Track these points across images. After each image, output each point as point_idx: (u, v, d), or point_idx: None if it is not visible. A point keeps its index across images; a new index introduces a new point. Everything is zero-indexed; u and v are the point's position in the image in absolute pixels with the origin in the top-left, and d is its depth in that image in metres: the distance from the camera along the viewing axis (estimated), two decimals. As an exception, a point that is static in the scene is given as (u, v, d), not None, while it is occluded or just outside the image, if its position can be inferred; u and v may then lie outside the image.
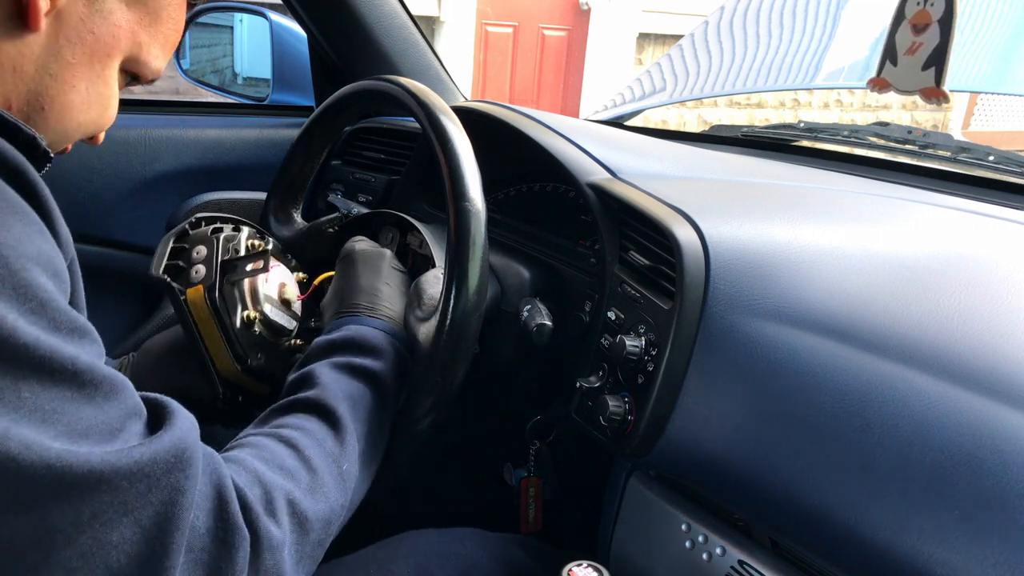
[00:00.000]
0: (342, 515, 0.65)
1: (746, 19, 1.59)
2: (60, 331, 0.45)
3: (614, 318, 0.80)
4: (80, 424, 0.45)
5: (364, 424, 0.70)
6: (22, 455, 0.41)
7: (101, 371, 0.47)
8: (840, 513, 0.60)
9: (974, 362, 0.60)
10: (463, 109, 1.02)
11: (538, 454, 1.03)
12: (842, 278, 0.72)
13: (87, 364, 0.46)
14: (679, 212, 0.76)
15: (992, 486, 0.54)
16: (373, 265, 0.84)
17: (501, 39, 6.06)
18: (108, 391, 0.47)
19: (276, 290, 0.88)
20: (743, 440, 0.68)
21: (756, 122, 1.96)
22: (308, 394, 0.69)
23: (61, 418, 0.44)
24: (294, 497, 0.59)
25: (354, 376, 0.72)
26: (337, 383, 0.70)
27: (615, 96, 1.70)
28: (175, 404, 0.54)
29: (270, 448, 0.62)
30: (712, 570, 0.75)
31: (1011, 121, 7.39)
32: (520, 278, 0.95)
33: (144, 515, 0.46)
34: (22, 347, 0.42)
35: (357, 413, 0.69)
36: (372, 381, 0.72)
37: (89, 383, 0.46)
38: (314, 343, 0.76)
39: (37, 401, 0.43)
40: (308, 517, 0.59)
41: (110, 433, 0.46)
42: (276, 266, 0.91)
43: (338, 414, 0.67)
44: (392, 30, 1.39)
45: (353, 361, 0.72)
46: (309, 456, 0.63)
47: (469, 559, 0.86)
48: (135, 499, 0.46)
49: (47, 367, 0.43)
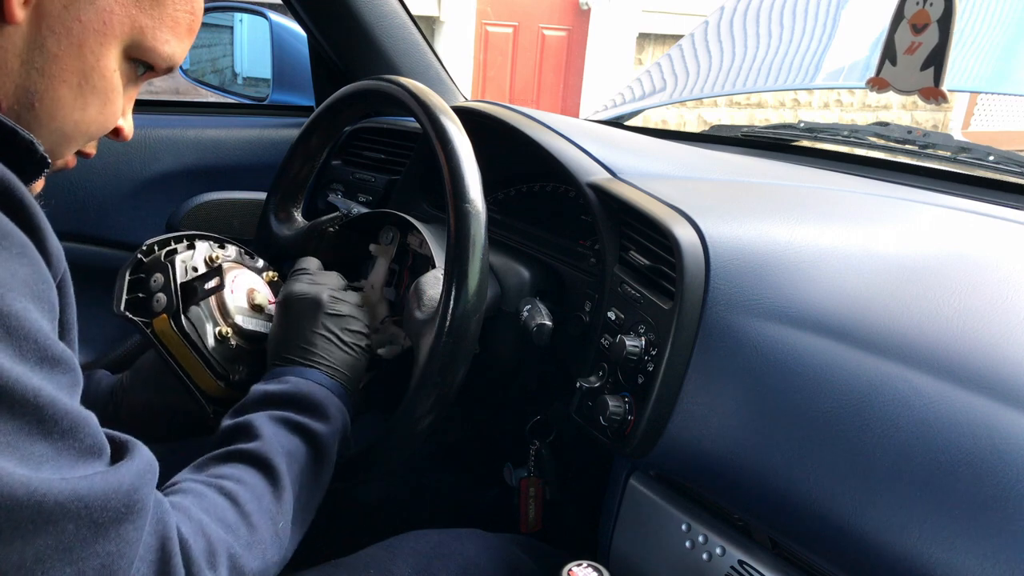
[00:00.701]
0: (275, 573, 0.65)
1: (746, 19, 1.59)
2: (27, 361, 0.44)
3: (614, 318, 0.80)
4: (33, 458, 0.43)
5: (300, 483, 0.69)
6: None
7: (64, 406, 0.45)
8: (840, 513, 0.61)
9: (974, 362, 0.60)
10: (463, 109, 1.02)
11: (538, 454, 1.03)
12: (842, 278, 0.72)
13: (49, 397, 0.44)
14: (679, 212, 0.76)
15: (992, 486, 0.54)
16: (307, 314, 0.81)
17: (501, 39, 6.06)
18: (68, 427, 0.46)
19: (245, 297, 0.87)
20: (743, 440, 0.68)
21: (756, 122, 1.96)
22: (248, 446, 0.67)
23: (15, 452, 0.42)
24: (234, 552, 0.58)
25: (293, 432, 0.71)
26: (276, 437, 0.69)
27: (615, 96, 1.70)
28: (137, 445, 0.52)
29: (212, 499, 0.61)
30: (712, 570, 0.75)
31: (1011, 121, 7.39)
32: (520, 278, 0.95)
33: (88, 565, 0.45)
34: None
35: (294, 471, 0.69)
36: (311, 440, 0.71)
37: (49, 418, 0.44)
38: (252, 390, 0.75)
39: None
40: (246, 573, 0.59)
41: (65, 468, 0.45)
42: (241, 272, 0.89)
43: (278, 471, 0.66)
44: (392, 30, 1.39)
45: (292, 417, 0.72)
46: (249, 512, 0.62)
47: (469, 559, 0.86)
48: (80, 546, 0.44)
49: (6, 397, 0.42)
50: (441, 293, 0.77)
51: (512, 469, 1.12)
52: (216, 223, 1.45)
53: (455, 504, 1.30)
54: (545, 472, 1.04)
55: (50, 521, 0.43)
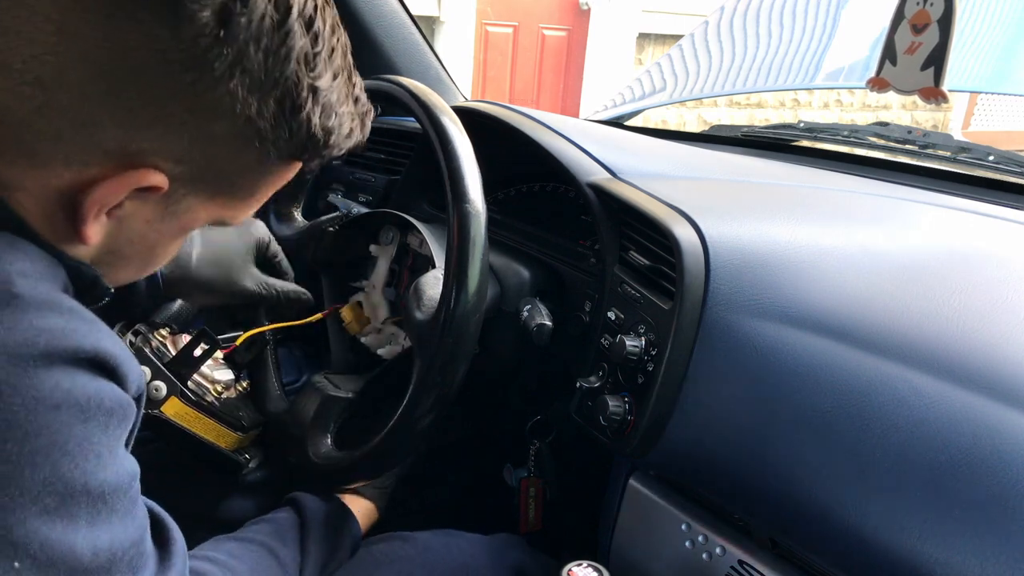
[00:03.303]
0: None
1: (746, 19, 1.59)
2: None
3: (614, 318, 0.80)
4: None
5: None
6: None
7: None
8: (839, 513, 0.61)
9: (974, 362, 0.60)
10: (463, 109, 1.02)
11: (538, 454, 1.03)
12: (842, 278, 0.72)
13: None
14: (679, 212, 0.76)
15: (991, 486, 0.54)
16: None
17: (501, 39, 6.06)
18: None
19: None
20: (743, 440, 0.68)
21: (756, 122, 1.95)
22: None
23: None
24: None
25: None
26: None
27: (615, 96, 1.70)
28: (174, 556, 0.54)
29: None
30: (712, 570, 0.75)
31: (1011, 121, 7.38)
32: (520, 278, 0.95)
33: None
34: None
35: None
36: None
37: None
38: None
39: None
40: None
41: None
42: (179, 335, 0.90)
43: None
44: (392, 30, 1.39)
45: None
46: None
47: (469, 559, 0.86)
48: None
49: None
50: (441, 293, 0.77)
51: (512, 469, 1.12)
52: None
53: (455, 504, 1.30)
54: (545, 472, 1.04)
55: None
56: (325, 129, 0.53)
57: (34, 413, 0.42)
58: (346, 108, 0.55)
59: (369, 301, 1.04)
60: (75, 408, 0.44)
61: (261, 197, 0.58)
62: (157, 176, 0.48)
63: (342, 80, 0.54)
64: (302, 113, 0.51)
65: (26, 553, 0.42)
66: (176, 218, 0.53)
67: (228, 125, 0.49)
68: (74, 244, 0.51)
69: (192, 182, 0.51)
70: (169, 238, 0.56)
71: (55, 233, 0.49)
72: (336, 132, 0.55)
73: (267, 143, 0.51)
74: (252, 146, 0.51)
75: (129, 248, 0.54)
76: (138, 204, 0.50)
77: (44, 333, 0.43)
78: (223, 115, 0.48)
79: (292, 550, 0.76)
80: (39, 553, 0.42)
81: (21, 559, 0.41)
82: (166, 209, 0.52)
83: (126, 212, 0.50)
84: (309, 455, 0.86)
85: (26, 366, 0.42)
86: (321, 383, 0.93)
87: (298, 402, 0.93)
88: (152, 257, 0.57)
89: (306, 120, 0.51)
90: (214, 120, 0.48)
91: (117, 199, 0.49)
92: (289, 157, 0.54)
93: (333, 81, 0.53)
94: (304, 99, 0.51)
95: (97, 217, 0.49)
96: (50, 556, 0.42)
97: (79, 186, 0.48)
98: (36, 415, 0.42)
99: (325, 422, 0.89)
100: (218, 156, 0.50)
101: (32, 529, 0.42)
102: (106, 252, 0.53)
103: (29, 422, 0.42)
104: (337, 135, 0.55)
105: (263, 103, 0.49)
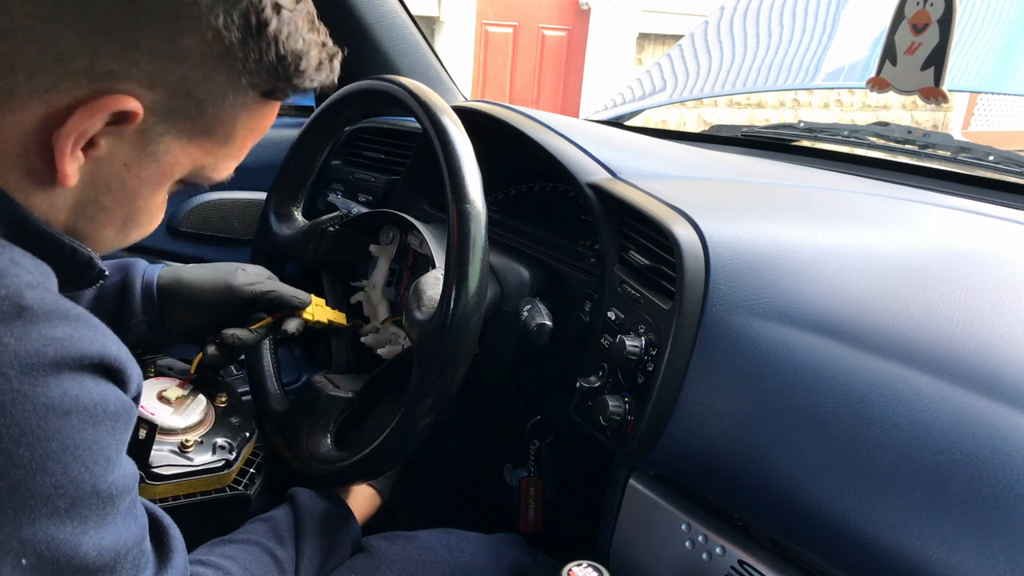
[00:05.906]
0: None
1: (746, 19, 1.59)
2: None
3: (614, 318, 0.80)
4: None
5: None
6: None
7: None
8: (840, 513, 0.61)
9: (974, 362, 0.60)
10: (463, 109, 1.02)
11: (538, 454, 1.03)
12: (842, 278, 0.72)
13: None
14: (679, 212, 0.76)
15: (992, 486, 0.54)
16: None
17: (501, 39, 6.06)
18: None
19: (161, 409, 0.85)
20: (743, 440, 0.68)
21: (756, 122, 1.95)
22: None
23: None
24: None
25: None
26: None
27: (615, 96, 1.70)
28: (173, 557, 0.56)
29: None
30: (712, 570, 0.75)
31: (1011, 121, 7.39)
32: (520, 278, 0.94)
33: None
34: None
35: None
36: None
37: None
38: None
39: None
40: None
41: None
42: (145, 400, 0.86)
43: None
44: (392, 30, 1.39)
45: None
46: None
47: (468, 559, 0.86)
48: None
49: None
50: (441, 293, 0.77)
51: (512, 469, 1.12)
52: (216, 223, 1.44)
53: (455, 504, 1.30)
54: (545, 472, 1.04)
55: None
56: (293, 53, 0.53)
57: (45, 420, 0.43)
58: (313, 37, 0.55)
59: (369, 301, 1.04)
60: (84, 413, 0.45)
61: (240, 145, 0.58)
62: (130, 101, 0.49)
63: (305, 9, 0.55)
64: (268, 29, 0.51)
65: (33, 551, 0.43)
66: (155, 161, 0.53)
67: (196, 39, 0.49)
68: (54, 190, 0.51)
69: (167, 113, 0.51)
70: (149, 186, 0.55)
71: (34, 177, 0.50)
72: (305, 58, 0.55)
73: (237, 63, 0.51)
74: (223, 67, 0.51)
75: (109, 198, 0.53)
76: (114, 141, 0.51)
77: (53, 343, 0.44)
78: (191, 28, 0.49)
79: (289, 549, 0.76)
80: (46, 552, 0.43)
81: (28, 557, 0.42)
82: (144, 150, 0.52)
83: (103, 152, 0.51)
84: (309, 455, 0.86)
85: (36, 375, 0.43)
86: (321, 383, 0.93)
87: (298, 402, 0.93)
88: (134, 211, 0.56)
89: (273, 39, 0.52)
90: (182, 33, 0.49)
91: (93, 129, 0.49)
92: (261, 87, 0.54)
93: (296, 4, 0.54)
94: (269, 16, 0.51)
95: (73, 153, 0.49)
96: (56, 555, 0.43)
97: (52, 121, 0.48)
98: (47, 421, 0.43)
99: (325, 422, 0.89)
100: (189, 78, 0.51)
101: (41, 529, 0.43)
102: (87, 202, 0.53)
103: (41, 428, 0.43)
104: (306, 62, 0.55)
105: (228, 14, 0.49)
